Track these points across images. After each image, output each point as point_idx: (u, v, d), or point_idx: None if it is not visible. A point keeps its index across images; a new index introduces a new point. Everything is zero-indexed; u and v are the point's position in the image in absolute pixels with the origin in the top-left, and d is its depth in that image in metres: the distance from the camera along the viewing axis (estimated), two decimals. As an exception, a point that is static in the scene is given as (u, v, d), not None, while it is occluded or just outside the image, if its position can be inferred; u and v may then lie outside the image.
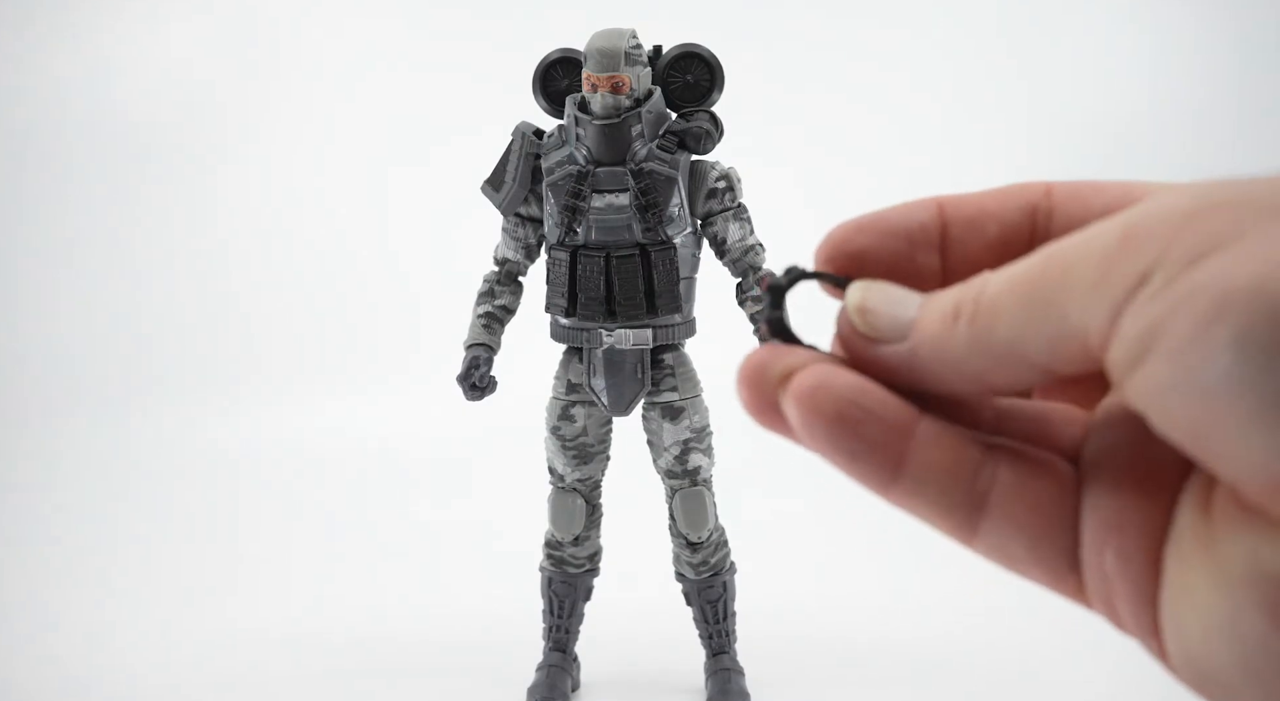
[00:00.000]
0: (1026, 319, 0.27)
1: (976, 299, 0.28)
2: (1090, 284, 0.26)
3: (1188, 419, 0.24)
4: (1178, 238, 0.25)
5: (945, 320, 0.29)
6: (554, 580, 1.90)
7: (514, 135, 1.80)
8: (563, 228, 1.76)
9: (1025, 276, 0.28)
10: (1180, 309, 0.24)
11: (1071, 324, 0.26)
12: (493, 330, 1.84)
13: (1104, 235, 0.26)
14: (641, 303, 1.75)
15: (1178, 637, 0.27)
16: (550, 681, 1.85)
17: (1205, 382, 0.24)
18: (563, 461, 1.85)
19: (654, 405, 1.82)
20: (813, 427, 0.29)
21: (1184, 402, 0.24)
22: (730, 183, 1.77)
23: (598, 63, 1.70)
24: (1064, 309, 0.26)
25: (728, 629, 1.88)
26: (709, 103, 1.79)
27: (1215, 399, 0.24)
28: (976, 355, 0.28)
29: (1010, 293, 0.28)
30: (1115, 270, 0.25)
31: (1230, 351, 0.23)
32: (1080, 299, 0.26)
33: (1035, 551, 0.29)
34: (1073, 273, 0.26)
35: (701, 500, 1.82)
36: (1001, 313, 0.28)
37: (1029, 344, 0.27)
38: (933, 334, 0.29)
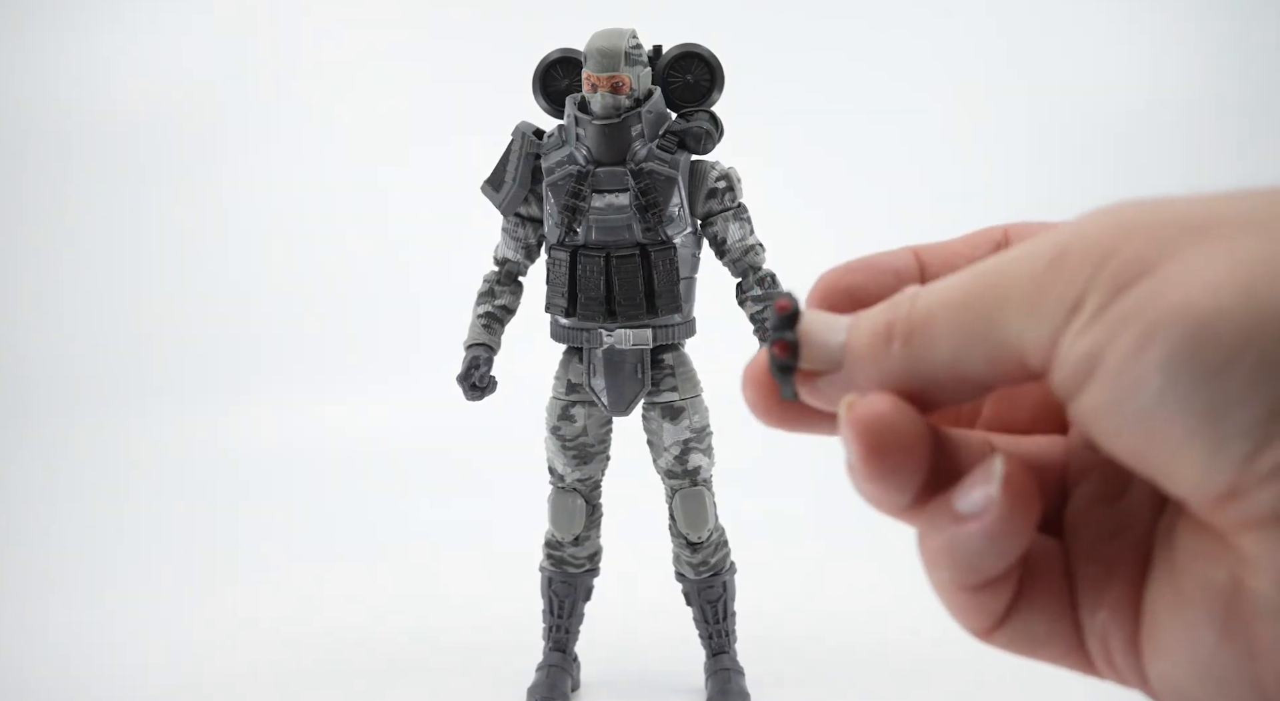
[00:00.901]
0: (962, 338, 0.27)
1: (908, 317, 0.28)
2: (1023, 306, 0.26)
3: (1130, 439, 0.25)
4: (1105, 263, 0.25)
5: (877, 342, 0.29)
6: (554, 580, 1.90)
7: (514, 135, 1.80)
8: (563, 228, 1.76)
9: (958, 295, 0.28)
10: (1115, 336, 0.25)
11: (1008, 343, 0.27)
12: (493, 330, 1.84)
13: (1034, 257, 0.27)
14: (641, 303, 1.75)
15: (1158, 674, 0.27)
16: (550, 681, 1.85)
17: (1142, 405, 0.24)
18: (563, 461, 1.85)
19: (654, 405, 1.82)
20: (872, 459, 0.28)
21: (1124, 424, 0.25)
22: (730, 182, 1.77)
23: (598, 63, 1.70)
24: (999, 329, 0.27)
25: (728, 629, 1.89)
26: (709, 103, 1.79)
27: (1152, 420, 0.24)
28: (915, 375, 0.28)
29: (944, 311, 0.28)
30: (1048, 294, 0.26)
31: (1161, 373, 0.24)
32: (1014, 320, 0.26)
33: (1054, 627, 0.29)
34: (1005, 293, 0.27)
35: (701, 500, 1.82)
36: (937, 332, 0.28)
37: (967, 363, 0.27)
38: (866, 357, 0.29)
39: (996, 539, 0.27)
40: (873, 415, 0.28)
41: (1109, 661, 0.29)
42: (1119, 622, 0.28)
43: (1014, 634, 0.29)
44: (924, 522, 0.29)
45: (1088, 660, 0.30)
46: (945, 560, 0.28)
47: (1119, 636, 0.28)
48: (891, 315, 0.29)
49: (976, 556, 0.28)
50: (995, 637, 0.30)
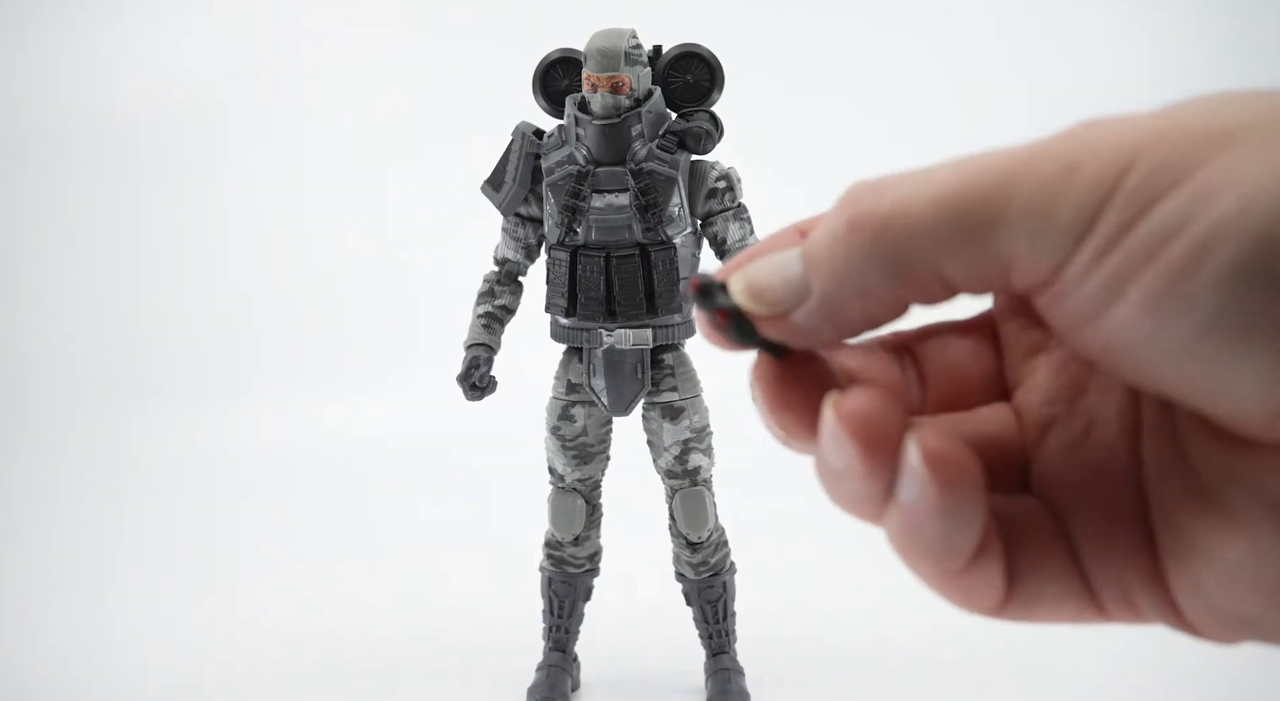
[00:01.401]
0: (947, 236, 0.25)
1: (874, 209, 0.26)
2: (1028, 215, 0.24)
3: (1170, 364, 0.23)
4: (1126, 175, 0.23)
5: (837, 243, 0.26)
6: (554, 580, 1.90)
7: (514, 135, 1.80)
8: (562, 228, 1.76)
9: (946, 189, 0.25)
10: (1152, 254, 0.23)
11: (998, 251, 0.25)
12: (493, 330, 1.84)
13: (1042, 161, 0.24)
14: (641, 303, 1.75)
15: (1197, 600, 0.26)
16: (550, 681, 1.85)
17: (1193, 326, 0.23)
18: (563, 461, 1.85)
19: (654, 405, 1.82)
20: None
21: (1166, 349, 0.23)
22: (730, 183, 1.77)
23: (598, 63, 1.70)
24: (993, 235, 0.25)
25: (728, 629, 1.89)
26: (709, 103, 1.79)
27: (1205, 341, 0.23)
28: (887, 273, 0.26)
29: (925, 204, 0.25)
30: (1060, 206, 0.24)
31: (1220, 290, 0.22)
32: (1014, 229, 0.24)
33: (1063, 586, 0.28)
34: (1008, 196, 0.24)
35: (701, 500, 1.82)
36: (915, 225, 0.25)
37: (947, 263, 0.25)
38: (828, 262, 0.27)
39: (947, 516, 0.26)
40: (865, 410, 0.26)
41: (1129, 604, 0.27)
42: (1134, 562, 0.27)
43: (1024, 603, 0.28)
44: (887, 524, 0.27)
45: (1103, 610, 0.28)
46: (916, 552, 0.27)
47: (1137, 576, 0.27)
48: (851, 210, 0.26)
49: (939, 539, 0.26)
50: (1008, 611, 0.28)
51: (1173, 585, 0.27)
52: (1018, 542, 0.28)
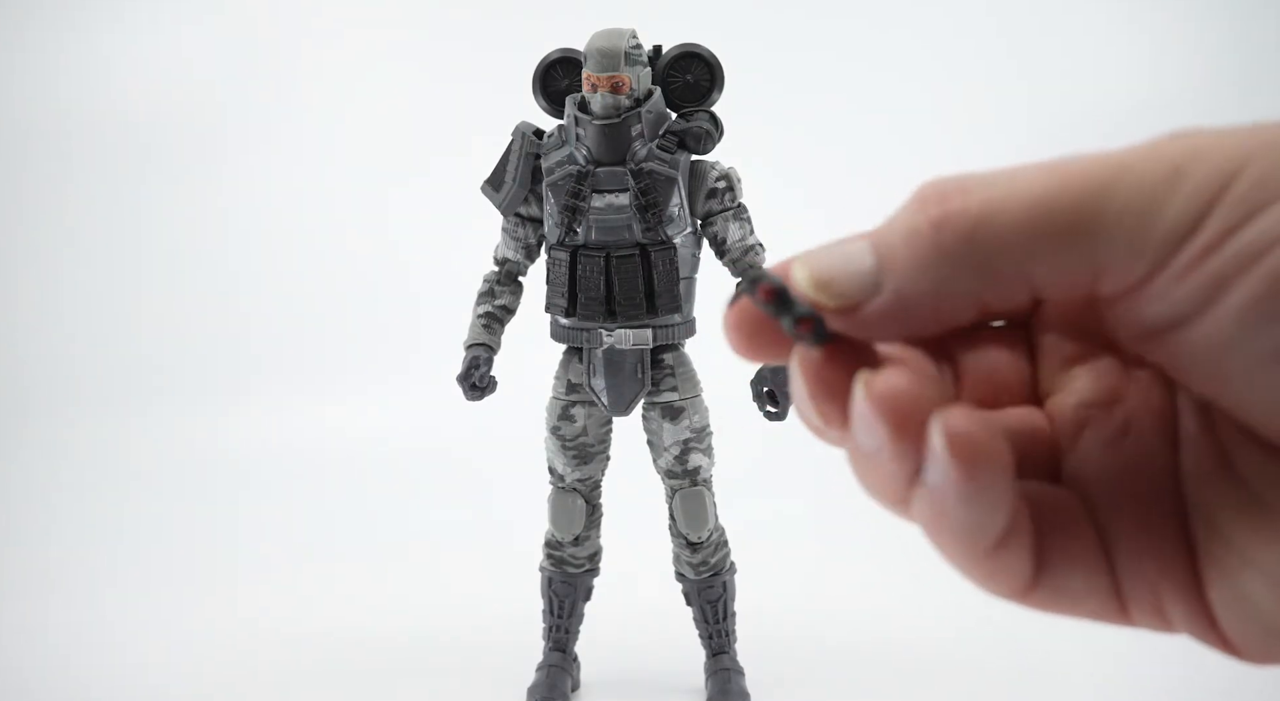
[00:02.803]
0: (1043, 241, 0.24)
1: (964, 209, 0.25)
2: (1129, 219, 0.23)
3: (1251, 376, 0.23)
4: (1232, 183, 0.23)
5: (922, 242, 0.25)
6: (554, 580, 1.90)
7: (514, 135, 1.80)
8: (563, 228, 1.76)
9: (1039, 191, 0.24)
10: (1251, 262, 0.22)
11: (1095, 256, 0.24)
12: (493, 330, 1.84)
13: (1144, 164, 0.24)
14: (641, 303, 1.75)
15: (1240, 611, 0.26)
16: (550, 681, 1.85)
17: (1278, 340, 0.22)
18: (563, 461, 1.85)
19: (654, 405, 1.82)
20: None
21: (1250, 359, 0.23)
22: (730, 182, 1.77)
23: (598, 63, 1.70)
24: (1090, 240, 0.24)
25: (728, 629, 1.89)
26: (709, 103, 1.79)
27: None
28: (973, 275, 0.25)
29: (1018, 205, 0.24)
30: (1163, 208, 0.23)
31: None
32: (1113, 234, 0.24)
33: (1090, 581, 0.27)
34: (1109, 197, 0.24)
35: (701, 500, 1.82)
36: (1007, 227, 0.24)
37: (1038, 266, 0.25)
38: (912, 263, 0.26)
39: (974, 497, 0.25)
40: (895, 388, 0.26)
41: (1157, 610, 0.27)
42: (1169, 568, 0.27)
43: (1050, 591, 0.28)
44: (915, 508, 0.27)
45: (1126, 611, 0.28)
46: (945, 533, 0.26)
47: (1171, 583, 0.26)
48: (938, 209, 0.25)
49: (967, 520, 0.26)
50: (1032, 598, 0.28)
51: (1212, 595, 0.26)
52: (1049, 530, 0.27)
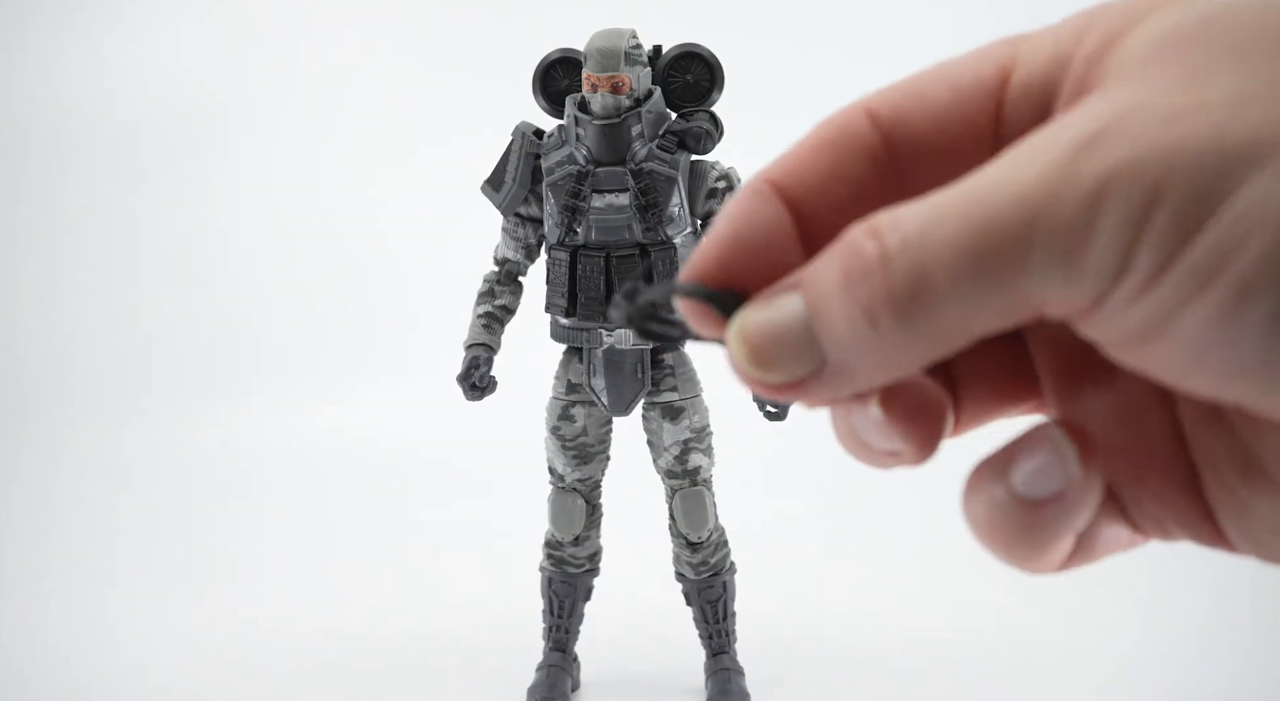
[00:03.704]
0: (974, 299, 0.23)
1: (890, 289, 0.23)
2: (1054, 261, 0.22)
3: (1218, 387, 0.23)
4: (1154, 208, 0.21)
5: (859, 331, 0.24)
6: (554, 580, 1.90)
7: (514, 135, 1.80)
8: (563, 228, 1.76)
9: (962, 244, 0.22)
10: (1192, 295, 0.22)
11: (1028, 296, 0.23)
12: (493, 330, 1.84)
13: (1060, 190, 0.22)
14: (642, 303, 1.75)
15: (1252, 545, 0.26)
16: (550, 681, 1.85)
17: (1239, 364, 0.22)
18: (563, 461, 1.85)
19: (654, 405, 1.82)
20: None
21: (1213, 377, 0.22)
22: (731, 183, 1.77)
23: (598, 63, 1.70)
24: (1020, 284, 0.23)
25: (728, 629, 1.88)
26: (709, 103, 1.79)
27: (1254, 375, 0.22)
28: (916, 348, 0.24)
29: (944, 271, 0.23)
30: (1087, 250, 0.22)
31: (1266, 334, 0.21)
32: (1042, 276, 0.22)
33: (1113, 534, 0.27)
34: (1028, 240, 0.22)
35: (701, 500, 1.82)
36: (940, 298, 0.23)
37: (978, 317, 0.23)
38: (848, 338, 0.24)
39: (1077, 513, 0.25)
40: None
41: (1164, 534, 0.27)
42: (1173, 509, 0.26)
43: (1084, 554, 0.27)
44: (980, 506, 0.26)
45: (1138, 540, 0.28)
46: (1022, 543, 0.25)
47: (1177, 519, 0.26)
48: (867, 292, 0.24)
49: (1057, 534, 0.25)
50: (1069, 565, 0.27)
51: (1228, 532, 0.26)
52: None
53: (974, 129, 0.27)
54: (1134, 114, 0.22)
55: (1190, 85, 0.22)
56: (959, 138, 0.27)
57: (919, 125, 0.27)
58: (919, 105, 0.27)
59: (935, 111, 0.27)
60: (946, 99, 0.27)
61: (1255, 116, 0.21)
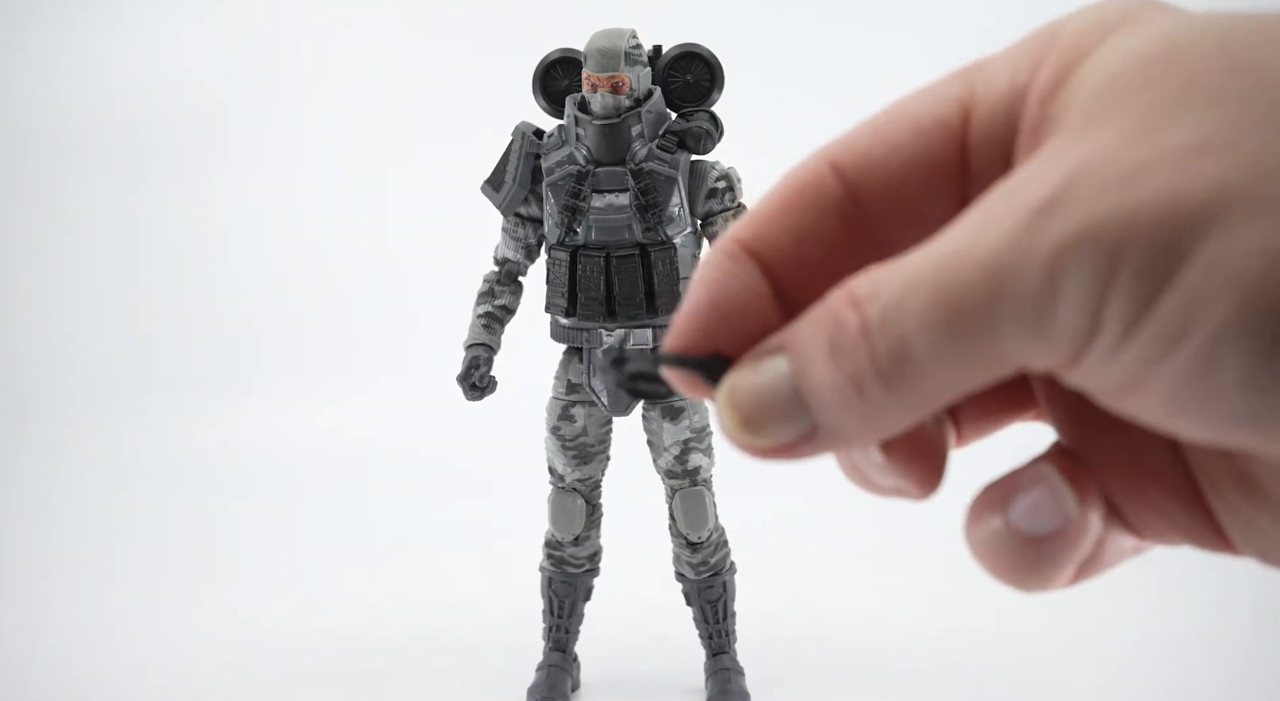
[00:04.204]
0: (954, 365, 0.23)
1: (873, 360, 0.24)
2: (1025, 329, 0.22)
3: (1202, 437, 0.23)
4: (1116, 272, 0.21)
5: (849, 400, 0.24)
6: (554, 580, 1.90)
7: (514, 135, 1.80)
8: (563, 228, 1.76)
9: (934, 317, 0.23)
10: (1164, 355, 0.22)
11: (1007, 357, 0.23)
12: (493, 330, 1.84)
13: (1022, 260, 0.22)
14: (641, 303, 1.75)
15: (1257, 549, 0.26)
16: (550, 681, 1.85)
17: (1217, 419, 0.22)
18: (563, 461, 1.85)
19: (654, 405, 1.82)
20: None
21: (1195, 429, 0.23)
22: (730, 183, 1.77)
23: (598, 63, 1.70)
24: (996, 349, 0.23)
25: (728, 629, 1.88)
26: (709, 103, 1.79)
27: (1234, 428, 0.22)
28: (912, 412, 0.24)
29: (922, 340, 0.23)
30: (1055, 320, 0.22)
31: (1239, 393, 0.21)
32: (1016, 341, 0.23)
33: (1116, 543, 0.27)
34: (997, 309, 0.22)
35: (701, 500, 1.82)
36: (921, 367, 0.23)
37: (963, 383, 0.24)
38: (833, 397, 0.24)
39: (1077, 547, 0.25)
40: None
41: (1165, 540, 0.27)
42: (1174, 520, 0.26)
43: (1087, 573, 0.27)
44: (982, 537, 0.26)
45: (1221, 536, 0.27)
46: (1024, 573, 0.26)
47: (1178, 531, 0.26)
48: (852, 364, 0.24)
49: (1058, 566, 0.26)
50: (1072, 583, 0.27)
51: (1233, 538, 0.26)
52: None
53: (940, 173, 0.27)
54: (1088, 175, 0.22)
55: (1144, 133, 0.22)
56: (926, 184, 0.27)
57: (884, 174, 0.27)
58: (883, 153, 0.27)
59: (900, 159, 0.27)
60: (909, 145, 0.27)
61: (1211, 170, 0.21)
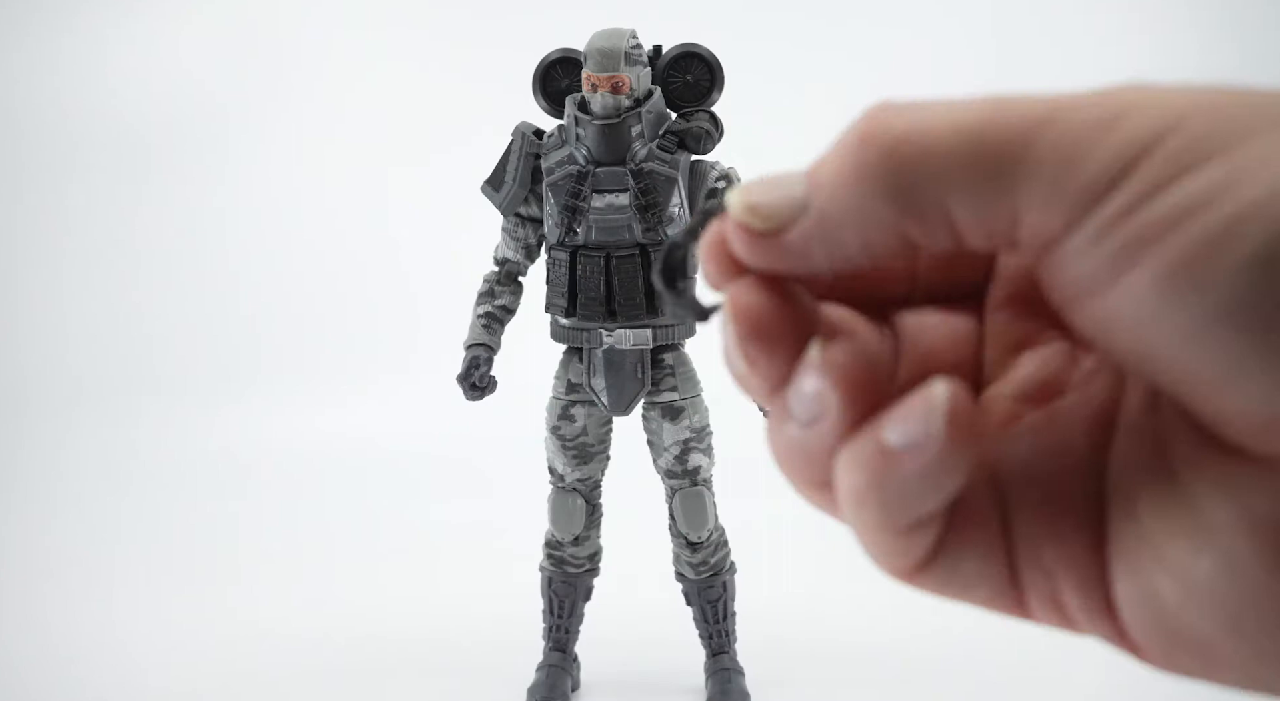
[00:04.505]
0: (963, 170, 0.23)
1: (890, 126, 0.24)
2: (1055, 158, 0.22)
3: (1174, 350, 0.22)
4: (1164, 138, 0.22)
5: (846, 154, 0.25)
6: (554, 580, 1.90)
7: (514, 135, 1.80)
8: (563, 228, 1.76)
9: (970, 119, 0.23)
10: (1172, 226, 0.21)
11: (1013, 197, 0.23)
12: (493, 330, 1.84)
13: (1080, 108, 0.23)
14: (641, 303, 1.75)
15: (1145, 611, 0.24)
16: (550, 681, 1.85)
17: (1205, 309, 0.21)
18: (563, 461, 1.85)
19: (654, 405, 1.82)
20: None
21: (1173, 331, 0.22)
22: (731, 182, 1.77)
23: (598, 63, 1.70)
24: (1012, 179, 0.23)
25: (728, 629, 1.89)
26: (709, 102, 1.79)
27: (1216, 327, 0.21)
28: (890, 198, 0.24)
29: (947, 129, 0.23)
30: (1089, 156, 0.22)
31: (1241, 276, 0.21)
32: (1035, 174, 0.23)
33: (984, 566, 0.26)
34: (1034, 138, 0.23)
35: (701, 500, 1.82)
36: (931, 149, 0.23)
37: (956, 199, 0.23)
38: (834, 180, 0.25)
39: (934, 477, 0.24)
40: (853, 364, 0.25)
41: (1054, 603, 0.26)
42: (1069, 558, 0.25)
43: (940, 575, 0.26)
44: (845, 457, 0.25)
45: (1023, 603, 0.26)
46: (873, 500, 0.24)
47: (1070, 573, 0.25)
48: (866, 125, 0.24)
49: (909, 496, 0.24)
50: (919, 579, 0.26)
51: (1118, 593, 0.25)
52: (952, 510, 0.26)
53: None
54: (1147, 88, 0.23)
55: None
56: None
57: None
58: None
59: None
60: None
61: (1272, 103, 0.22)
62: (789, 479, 0.27)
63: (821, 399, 0.25)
